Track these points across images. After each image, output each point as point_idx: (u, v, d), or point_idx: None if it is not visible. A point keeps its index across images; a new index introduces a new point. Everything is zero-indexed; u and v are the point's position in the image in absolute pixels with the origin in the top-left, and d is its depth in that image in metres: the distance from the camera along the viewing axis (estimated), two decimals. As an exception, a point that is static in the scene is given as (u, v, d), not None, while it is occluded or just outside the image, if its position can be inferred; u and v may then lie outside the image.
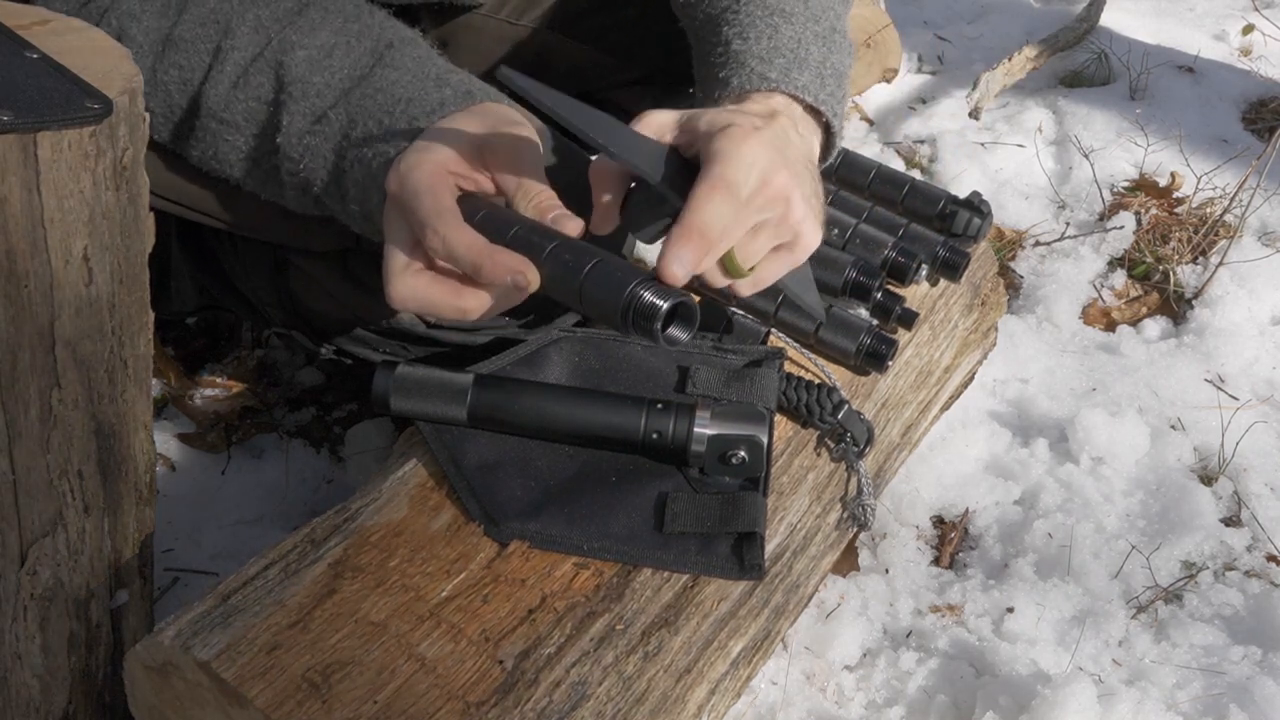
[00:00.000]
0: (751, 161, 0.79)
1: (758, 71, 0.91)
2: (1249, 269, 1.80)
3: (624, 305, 0.73)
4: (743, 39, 0.94)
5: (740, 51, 0.93)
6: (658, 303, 0.73)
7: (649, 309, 0.73)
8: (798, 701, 1.15)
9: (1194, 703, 1.16)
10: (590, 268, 0.75)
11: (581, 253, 0.76)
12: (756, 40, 0.93)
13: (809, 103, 0.92)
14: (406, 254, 0.81)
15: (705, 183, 0.78)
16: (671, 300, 0.74)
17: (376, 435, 1.43)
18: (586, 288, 0.75)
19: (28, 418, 0.78)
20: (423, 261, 0.81)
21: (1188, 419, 1.56)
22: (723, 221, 0.77)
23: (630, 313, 0.73)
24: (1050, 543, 1.33)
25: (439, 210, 0.78)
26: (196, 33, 0.91)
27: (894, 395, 1.18)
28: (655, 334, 0.74)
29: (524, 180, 0.81)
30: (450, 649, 0.78)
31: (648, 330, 0.74)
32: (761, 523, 0.88)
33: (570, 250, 0.76)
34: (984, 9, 2.75)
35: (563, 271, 0.76)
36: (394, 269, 0.81)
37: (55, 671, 0.90)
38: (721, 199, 0.77)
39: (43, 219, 0.72)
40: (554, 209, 0.80)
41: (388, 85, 0.88)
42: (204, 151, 0.94)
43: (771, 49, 0.93)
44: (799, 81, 0.92)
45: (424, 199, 0.79)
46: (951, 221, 1.25)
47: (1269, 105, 2.36)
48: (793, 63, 0.92)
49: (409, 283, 0.80)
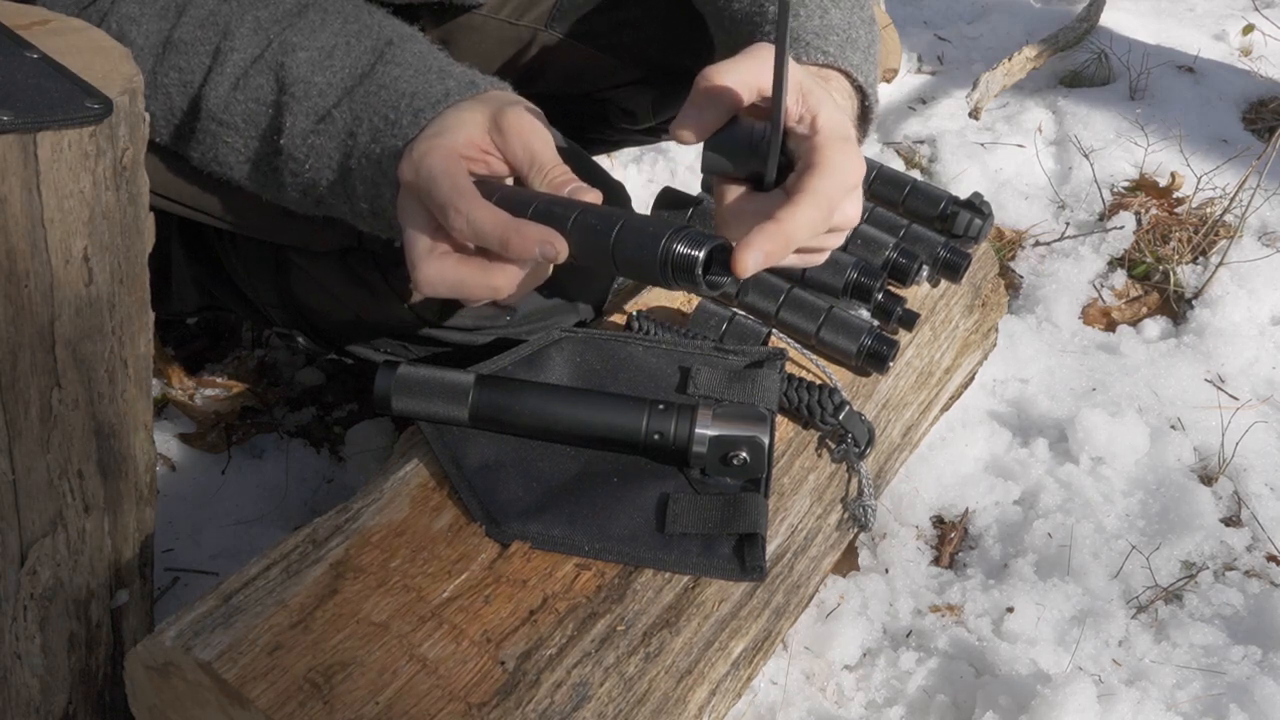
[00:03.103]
0: (850, 182, 0.80)
1: (815, 45, 0.91)
2: (1249, 269, 1.80)
3: (661, 260, 0.75)
4: (794, 16, 0.93)
5: (793, 28, 0.92)
6: (694, 253, 0.75)
7: (687, 260, 0.75)
8: (798, 701, 1.15)
9: (1194, 703, 1.16)
10: (619, 229, 0.76)
11: (606, 216, 0.77)
12: (809, 18, 0.93)
13: (859, 83, 0.92)
14: (430, 237, 0.80)
15: (808, 194, 0.78)
16: (707, 246, 0.75)
17: (377, 435, 1.43)
18: (619, 248, 0.76)
19: (28, 417, 0.78)
20: (446, 244, 0.80)
21: (1188, 419, 1.56)
22: (810, 232, 0.79)
23: (669, 266, 0.75)
24: (1050, 543, 1.33)
25: (459, 190, 0.78)
26: (196, 35, 0.91)
27: (895, 396, 1.18)
28: (698, 280, 0.75)
29: (537, 157, 0.81)
30: (452, 650, 0.78)
31: (690, 279, 0.75)
32: (763, 524, 0.88)
33: (595, 215, 0.77)
34: (984, 9, 2.76)
35: (591, 236, 0.76)
36: (419, 254, 0.80)
37: (55, 671, 0.90)
38: (817, 213, 0.78)
39: (43, 219, 0.72)
40: (570, 182, 0.80)
41: (390, 81, 0.88)
42: (204, 154, 0.94)
43: (825, 26, 0.93)
44: (852, 60, 0.92)
45: (441, 182, 0.79)
46: (952, 222, 1.25)
47: (1269, 105, 2.36)
48: (845, 41, 0.93)
49: (436, 265, 0.80)
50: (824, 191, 0.78)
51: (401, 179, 0.82)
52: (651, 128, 1.39)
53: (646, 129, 1.39)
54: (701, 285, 0.76)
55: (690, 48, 1.22)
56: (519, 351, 0.97)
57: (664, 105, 1.33)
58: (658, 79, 1.30)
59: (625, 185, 1.18)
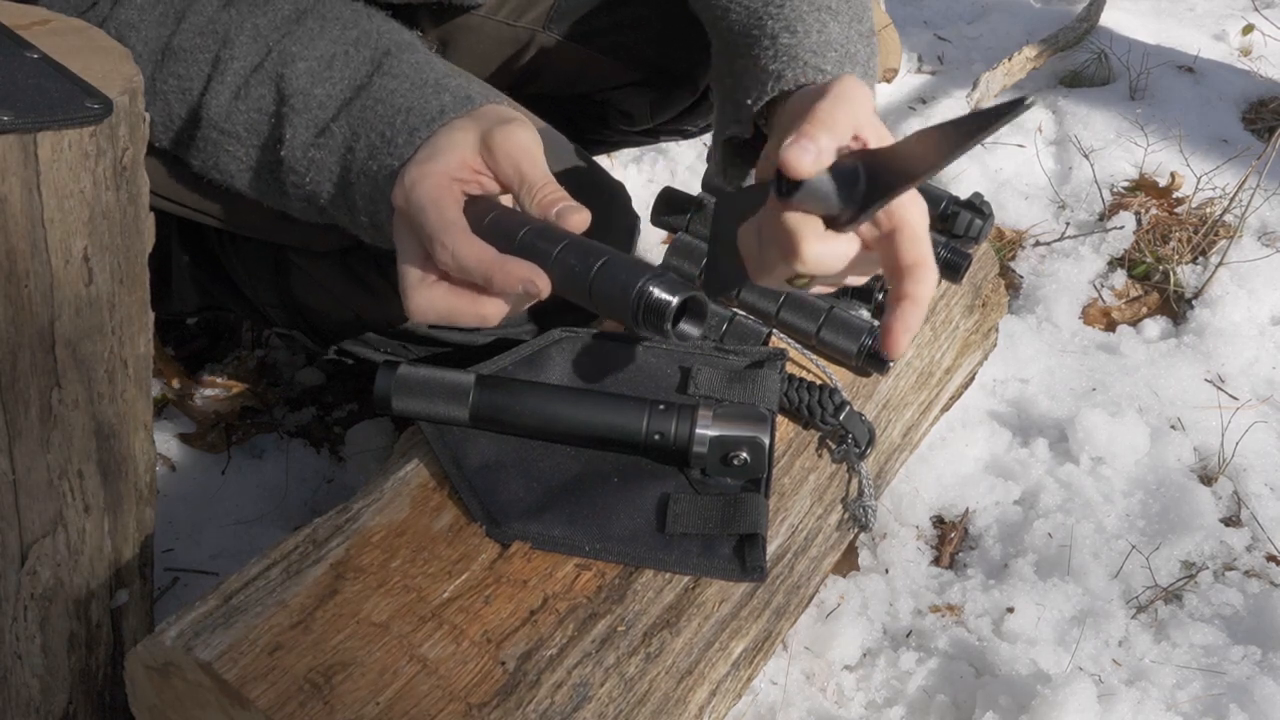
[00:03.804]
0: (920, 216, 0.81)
1: (813, 65, 0.91)
2: (1249, 269, 1.80)
3: (634, 303, 0.73)
4: (791, 33, 0.93)
5: (791, 45, 0.92)
6: (667, 298, 0.73)
7: (659, 305, 0.73)
8: (798, 701, 1.15)
9: (1194, 703, 1.16)
10: (598, 268, 0.75)
11: (587, 253, 0.76)
12: (806, 34, 0.93)
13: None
14: (420, 268, 0.81)
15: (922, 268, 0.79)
16: (681, 295, 0.73)
17: (377, 435, 1.43)
18: (595, 288, 0.75)
19: (28, 418, 0.78)
20: (436, 273, 0.81)
21: (1188, 419, 1.56)
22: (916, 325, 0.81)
23: (640, 310, 0.73)
24: (1050, 543, 1.33)
25: (445, 224, 0.78)
26: (195, 42, 0.91)
27: (895, 396, 1.18)
28: (666, 332, 0.73)
29: (526, 177, 0.81)
30: (452, 650, 0.78)
31: (658, 327, 0.73)
32: (763, 524, 0.88)
33: (576, 253, 0.76)
34: (984, 9, 2.75)
35: (571, 275, 0.76)
36: (410, 283, 0.81)
37: (55, 671, 0.90)
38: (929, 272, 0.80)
39: (43, 219, 0.72)
40: (558, 202, 0.80)
41: (387, 95, 0.88)
42: (205, 161, 0.94)
43: (823, 43, 0.93)
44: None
45: (430, 213, 0.79)
46: (953, 223, 1.25)
47: (1269, 105, 2.36)
48: (844, 57, 0.93)
49: (426, 295, 0.81)
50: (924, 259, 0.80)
51: (395, 204, 0.83)
52: (649, 129, 1.39)
53: (644, 130, 1.39)
54: (670, 335, 0.74)
55: (688, 51, 1.22)
56: (519, 351, 0.97)
57: (662, 107, 1.33)
58: (656, 81, 1.30)
59: (625, 185, 1.18)
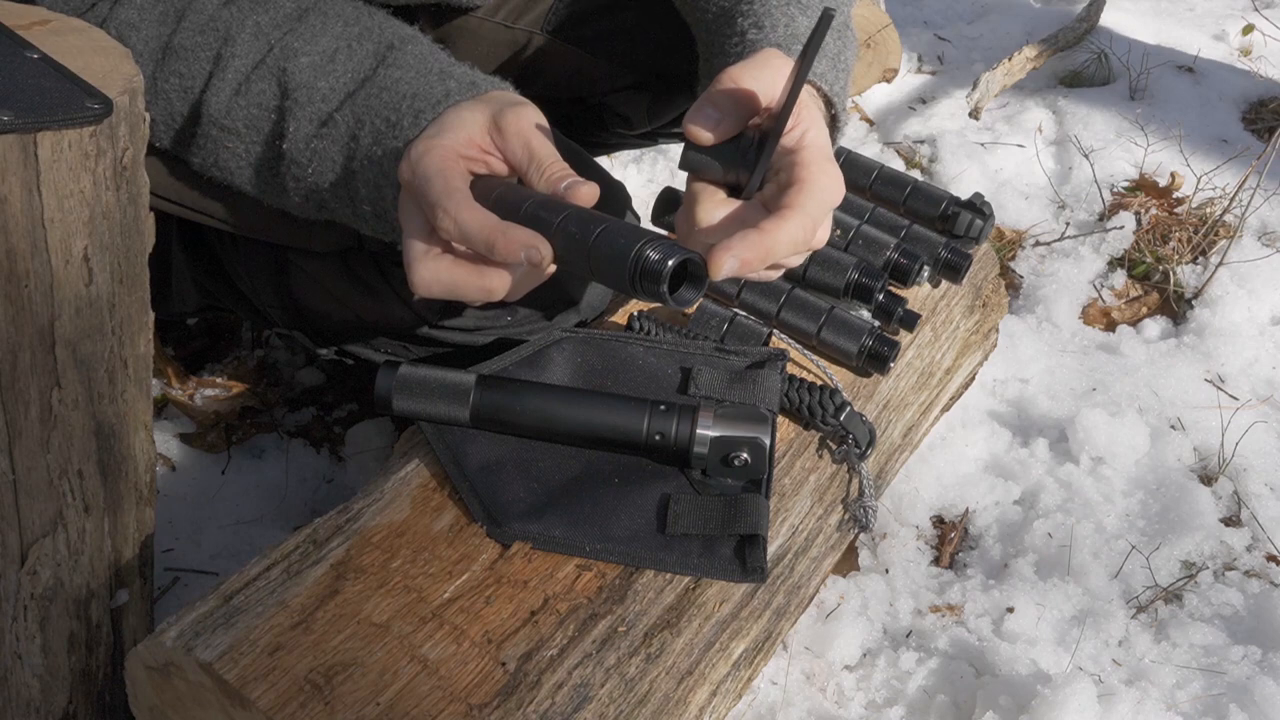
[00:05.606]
0: (832, 204, 0.81)
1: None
2: (1249, 269, 1.80)
3: (630, 267, 0.71)
4: (759, 28, 0.94)
5: (757, 40, 0.93)
6: (663, 261, 0.71)
7: (655, 268, 0.71)
8: (798, 701, 1.15)
9: (1194, 703, 1.16)
10: (596, 235, 0.74)
11: (587, 221, 0.75)
12: (773, 29, 0.93)
13: (825, 92, 0.92)
14: (425, 241, 0.81)
15: (795, 210, 0.78)
16: (677, 257, 0.72)
17: (377, 435, 1.43)
18: (594, 255, 0.74)
19: (28, 417, 0.78)
20: (441, 246, 0.81)
21: (1188, 419, 1.56)
22: (790, 249, 0.79)
23: (638, 274, 0.71)
24: (1050, 543, 1.33)
25: (448, 191, 0.78)
26: (196, 41, 0.91)
27: (895, 397, 1.18)
28: (663, 295, 0.72)
29: (536, 154, 0.81)
30: (453, 650, 0.77)
31: (655, 291, 0.72)
32: (764, 525, 0.88)
33: (577, 221, 0.76)
34: (984, 9, 2.76)
35: (571, 243, 0.75)
36: (414, 255, 0.81)
37: (55, 671, 0.90)
38: (801, 231, 0.78)
39: (43, 219, 0.72)
40: (566, 178, 0.80)
41: (392, 84, 0.88)
42: (205, 159, 0.94)
43: (789, 36, 0.93)
44: (817, 69, 0.92)
45: (435, 181, 0.79)
46: (953, 223, 1.26)
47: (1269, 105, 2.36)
48: None
49: (430, 267, 0.80)
50: (810, 211, 0.78)
51: (400, 179, 0.82)
52: (647, 133, 1.39)
53: (642, 134, 1.39)
54: (668, 300, 0.72)
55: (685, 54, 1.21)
56: (520, 352, 0.97)
57: (659, 111, 1.33)
58: (653, 84, 1.30)
59: (625, 185, 1.18)
